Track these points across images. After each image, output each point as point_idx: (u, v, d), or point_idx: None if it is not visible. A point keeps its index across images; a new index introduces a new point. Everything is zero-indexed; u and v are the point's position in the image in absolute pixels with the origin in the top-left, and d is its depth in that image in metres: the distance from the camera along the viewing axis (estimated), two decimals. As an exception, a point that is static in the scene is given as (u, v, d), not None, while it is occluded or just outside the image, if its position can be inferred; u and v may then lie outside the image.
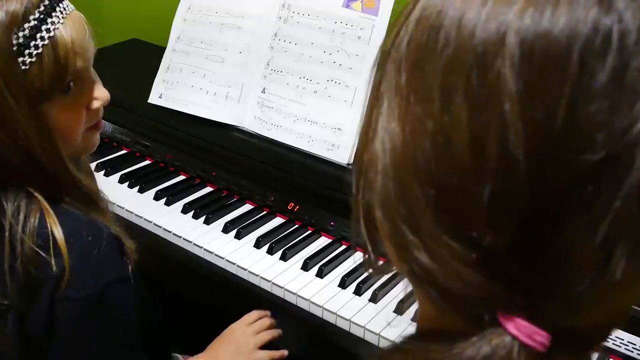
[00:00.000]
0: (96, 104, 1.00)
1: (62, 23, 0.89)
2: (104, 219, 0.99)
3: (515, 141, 0.37)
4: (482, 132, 0.38)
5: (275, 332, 1.21)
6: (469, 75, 0.39)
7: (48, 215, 0.90)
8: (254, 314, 1.22)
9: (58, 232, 0.89)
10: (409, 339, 0.47)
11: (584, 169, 0.36)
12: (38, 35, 0.87)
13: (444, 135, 0.40)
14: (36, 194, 0.91)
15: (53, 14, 0.89)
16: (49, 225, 0.89)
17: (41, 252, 0.88)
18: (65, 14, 0.91)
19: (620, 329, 1.06)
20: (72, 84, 0.93)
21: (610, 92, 0.36)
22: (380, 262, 0.52)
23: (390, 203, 0.44)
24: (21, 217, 0.89)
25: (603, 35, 0.36)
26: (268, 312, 1.23)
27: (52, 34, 0.88)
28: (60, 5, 0.91)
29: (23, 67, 0.86)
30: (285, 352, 1.19)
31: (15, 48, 0.85)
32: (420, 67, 0.42)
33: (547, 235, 0.38)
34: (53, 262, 0.88)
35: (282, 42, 1.48)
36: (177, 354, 1.25)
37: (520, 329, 0.39)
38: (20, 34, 0.85)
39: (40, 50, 0.87)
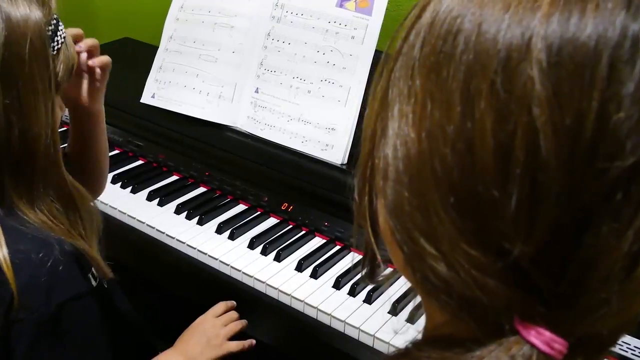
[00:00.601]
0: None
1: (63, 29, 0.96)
2: (65, 233, 0.95)
3: (546, 147, 0.36)
4: (508, 138, 0.37)
5: (243, 322, 1.22)
6: (493, 81, 0.38)
7: None
8: (221, 306, 1.23)
9: (2, 253, 0.86)
10: (418, 345, 0.46)
11: (614, 176, 0.36)
12: (60, 27, 0.94)
13: (466, 142, 0.39)
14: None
15: (59, 25, 0.95)
16: None
17: None
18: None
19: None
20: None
21: (639, 98, 0.36)
22: (388, 270, 0.51)
23: (404, 211, 0.43)
24: None
25: (632, 40, 0.36)
26: (234, 303, 1.24)
27: (65, 34, 0.95)
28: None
29: (52, 53, 0.91)
30: (253, 342, 1.21)
31: (50, 33, 0.91)
32: (437, 72, 0.41)
33: (574, 244, 0.38)
34: None
35: (276, 42, 1.47)
36: None
37: (541, 338, 0.39)
38: (52, 22, 0.92)
39: (62, 41, 0.93)
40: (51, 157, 0.92)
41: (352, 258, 1.32)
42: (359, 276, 1.25)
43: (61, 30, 0.95)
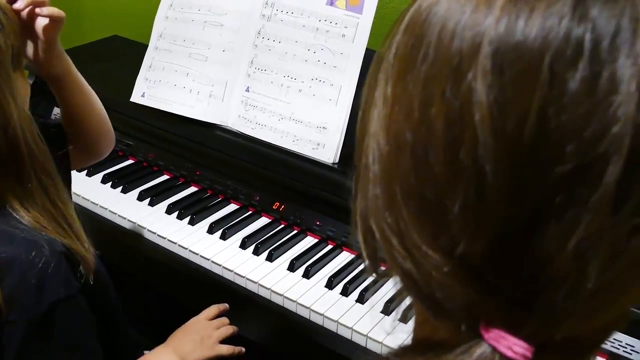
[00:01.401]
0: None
1: None
2: (55, 228, 0.95)
3: (484, 153, 0.37)
4: (455, 144, 0.38)
5: (235, 328, 1.23)
6: (444, 87, 0.39)
7: None
8: (213, 309, 1.24)
9: None
10: (396, 352, 0.47)
11: (555, 180, 0.36)
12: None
13: (422, 147, 0.40)
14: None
15: None
16: None
17: None
18: None
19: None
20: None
21: (580, 102, 0.36)
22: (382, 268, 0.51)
23: (379, 211, 0.44)
24: None
25: (574, 44, 0.36)
26: (227, 306, 1.25)
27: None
28: None
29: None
30: (243, 349, 1.22)
31: None
32: (403, 77, 0.42)
33: (521, 245, 0.38)
34: None
35: (266, 40, 1.46)
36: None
37: (499, 340, 0.39)
38: None
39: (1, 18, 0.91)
40: (32, 143, 0.91)
41: (344, 257, 1.32)
42: (351, 276, 1.25)
43: None
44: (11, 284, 0.87)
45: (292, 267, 1.27)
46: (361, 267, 1.27)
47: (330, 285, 1.23)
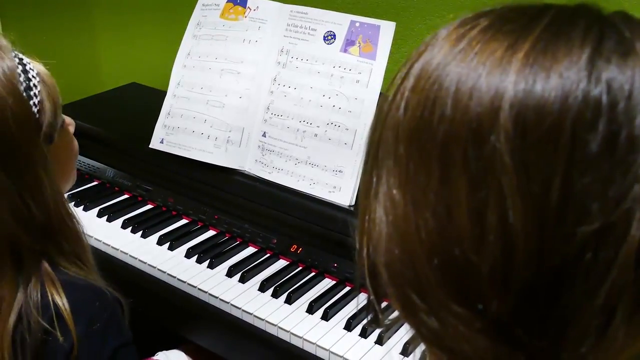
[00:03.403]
0: (72, 129, 1.03)
1: (32, 68, 0.92)
2: (97, 278, 0.98)
3: (514, 214, 0.38)
4: (481, 204, 0.39)
5: None
6: (465, 149, 0.39)
7: (49, 284, 0.90)
8: None
9: (62, 303, 0.89)
10: None
11: (581, 239, 0.37)
12: (31, 75, 0.89)
13: (445, 207, 0.40)
14: (43, 261, 0.91)
15: (24, 61, 0.91)
16: (49, 295, 0.89)
17: (46, 325, 0.88)
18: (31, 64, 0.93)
19: None
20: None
21: (602, 162, 0.37)
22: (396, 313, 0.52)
23: (395, 267, 0.44)
24: (28, 289, 0.89)
25: (593, 106, 0.37)
26: None
27: (36, 75, 0.90)
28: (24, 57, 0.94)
29: (34, 110, 0.88)
30: None
31: (24, 93, 0.87)
32: (417, 138, 0.42)
33: (548, 302, 0.39)
34: (59, 334, 0.88)
35: (282, 87, 1.50)
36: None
37: None
38: (22, 79, 0.87)
39: (39, 89, 0.89)
40: (61, 212, 0.94)
41: (362, 299, 1.33)
42: (369, 317, 1.26)
43: (30, 69, 0.89)
44: (81, 330, 0.90)
45: (310, 310, 1.29)
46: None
47: (349, 327, 1.24)
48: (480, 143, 0.39)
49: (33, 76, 0.89)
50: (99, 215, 1.57)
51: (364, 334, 1.23)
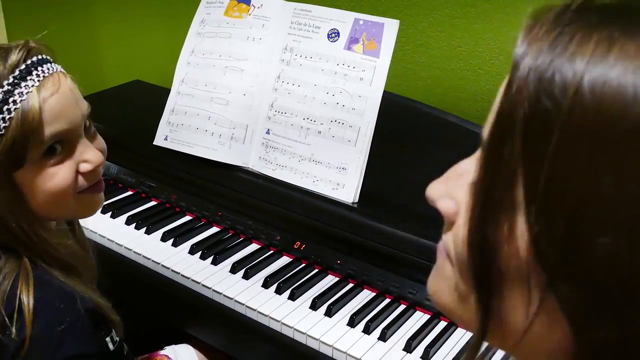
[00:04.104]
0: (85, 167, 0.95)
1: (36, 86, 0.88)
2: (84, 289, 0.96)
3: None
4: None
5: None
6: None
7: (22, 279, 0.90)
8: None
9: (27, 299, 0.88)
10: None
11: None
12: (10, 100, 0.86)
13: None
14: (24, 256, 0.92)
15: (28, 77, 0.88)
16: (18, 290, 0.88)
17: (5, 317, 0.87)
18: (43, 76, 0.90)
19: None
20: (58, 146, 0.92)
21: None
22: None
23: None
24: (1, 274, 0.89)
25: None
26: None
27: (24, 97, 0.86)
28: (39, 68, 0.90)
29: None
30: None
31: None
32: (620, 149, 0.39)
33: None
34: (14, 329, 0.87)
35: (286, 84, 1.51)
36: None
37: None
38: (5, 84, 0.85)
39: (12, 116, 0.86)
40: (28, 231, 0.92)
41: (365, 296, 1.33)
42: (372, 314, 1.27)
43: (21, 91, 0.86)
44: (38, 328, 0.89)
45: (314, 306, 1.29)
46: (382, 305, 1.29)
47: (352, 323, 1.25)
48: None
49: (8, 109, 0.86)
50: (103, 211, 1.58)
51: (366, 330, 1.23)
